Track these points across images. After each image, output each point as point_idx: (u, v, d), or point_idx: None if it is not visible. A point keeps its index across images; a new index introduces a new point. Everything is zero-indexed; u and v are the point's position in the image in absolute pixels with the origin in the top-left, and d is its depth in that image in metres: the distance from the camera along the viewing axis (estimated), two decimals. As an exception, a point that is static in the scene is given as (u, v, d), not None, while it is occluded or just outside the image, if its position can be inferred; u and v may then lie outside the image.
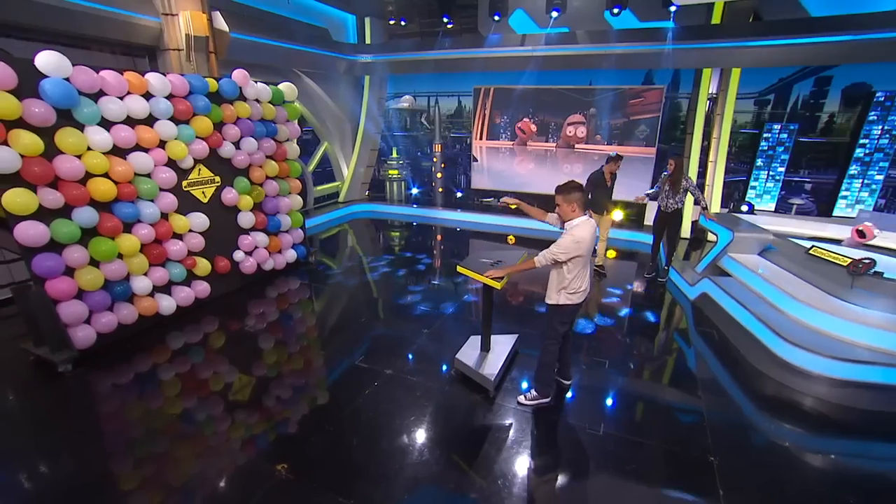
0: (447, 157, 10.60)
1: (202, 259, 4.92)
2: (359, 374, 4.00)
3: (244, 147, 5.29)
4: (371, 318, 5.13)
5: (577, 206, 3.05)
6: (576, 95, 8.44)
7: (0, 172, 3.44)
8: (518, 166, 9.39)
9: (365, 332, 4.80)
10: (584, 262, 3.11)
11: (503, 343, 4.14)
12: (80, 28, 5.24)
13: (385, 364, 4.11)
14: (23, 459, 3.01)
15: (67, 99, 3.70)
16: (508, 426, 3.31)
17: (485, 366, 3.80)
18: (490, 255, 3.92)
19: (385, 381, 3.88)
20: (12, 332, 4.46)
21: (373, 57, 9.09)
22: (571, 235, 3.02)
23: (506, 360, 3.94)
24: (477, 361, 3.86)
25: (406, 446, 3.10)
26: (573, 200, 3.04)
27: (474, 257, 3.86)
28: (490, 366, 3.79)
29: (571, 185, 3.08)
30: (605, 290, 6.08)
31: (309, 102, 8.97)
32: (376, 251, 8.08)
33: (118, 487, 2.82)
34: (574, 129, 8.73)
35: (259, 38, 6.79)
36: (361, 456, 3.00)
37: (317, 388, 3.85)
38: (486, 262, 3.71)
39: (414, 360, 4.22)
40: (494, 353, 3.99)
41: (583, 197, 3.06)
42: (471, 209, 9.77)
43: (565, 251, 3.01)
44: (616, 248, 7.79)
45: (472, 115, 9.45)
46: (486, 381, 3.67)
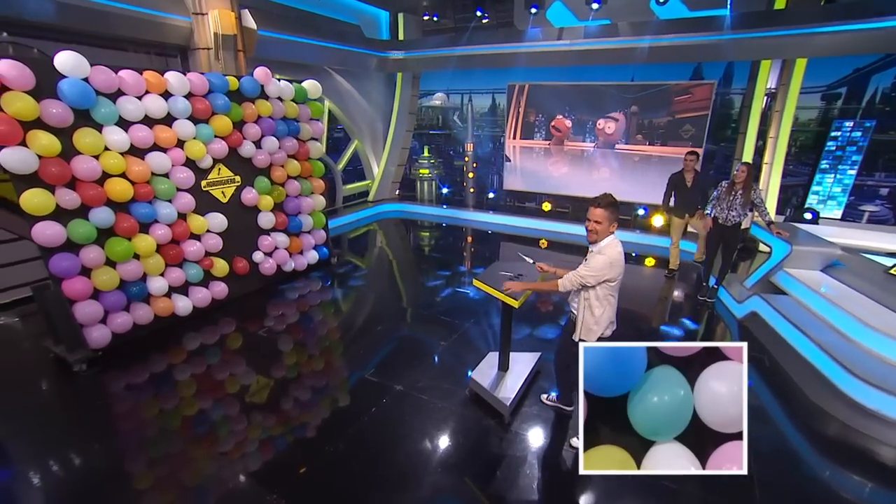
0: (479, 157, 10.27)
1: (220, 260, 4.86)
2: (367, 388, 3.79)
3: (265, 146, 5.20)
4: (388, 327, 4.91)
5: (615, 226, 2.69)
6: (616, 92, 7.90)
7: (18, 173, 3.46)
8: (552, 167, 8.94)
9: (380, 342, 4.60)
10: (615, 290, 2.74)
11: (523, 362, 3.81)
12: (114, 30, 5.30)
13: (396, 378, 3.88)
14: (27, 455, 3.01)
15: (84, 99, 3.69)
16: (524, 458, 3.00)
17: (501, 388, 3.49)
18: (512, 266, 3.59)
19: (394, 398, 3.64)
20: (41, 327, 4.56)
21: (404, 53, 8.88)
22: (604, 256, 2.64)
23: (525, 381, 3.61)
24: (493, 382, 3.55)
25: (407, 476, 2.84)
26: (615, 220, 2.66)
27: (493, 269, 3.55)
28: (507, 388, 3.48)
29: (611, 200, 2.67)
30: (642, 302, 5.61)
31: (339, 100, 8.88)
32: (402, 253, 7.90)
33: (118, 486, 2.75)
34: (604, 124, 8.18)
35: (287, 36, 6.71)
36: (360, 486, 2.77)
37: (321, 402, 3.66)
38: (506, 276, 3.39)
39: (427, 375, 3.96)
40: (513, 373, 3.67)
41: (619, 216, 2.71)
42: (503, 211, 9.41)
43: (596, 274, 2.63)
44: (655, 256, 7.24)
45: (506, 114, 9.08)
46: (501, 406, 3.36)
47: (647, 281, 6.56)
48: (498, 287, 3.23)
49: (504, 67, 8.31)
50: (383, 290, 6.03)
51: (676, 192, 5.92)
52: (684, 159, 5.77)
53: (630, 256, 7.24)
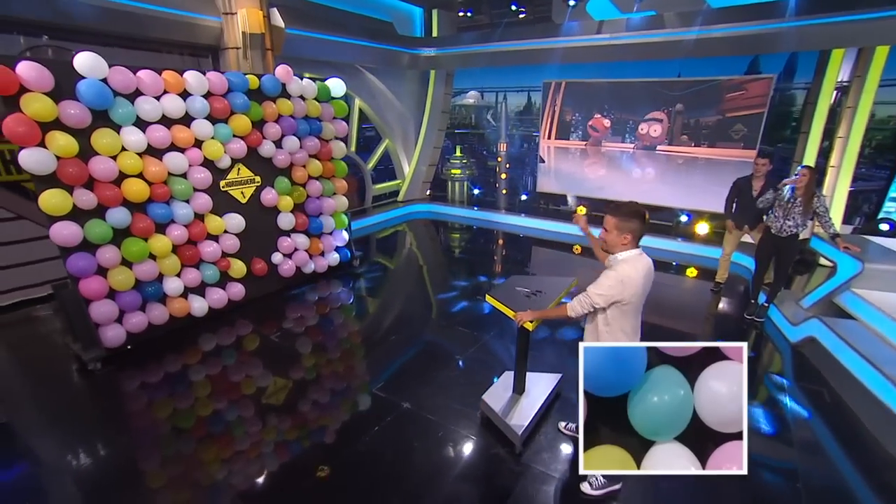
0: (513, 157, 9.90)
1: (237, 261, 4.81)
2: (373, 404, 3.59)
3: (286, 146, 5.11)
4: (403, 336, 4.70)
5: (630, 237, 2.30)
6: (660, 89, 7.31)
7: (37, 173, 3.49)
8: (589, 169, 8.44)
9: (393, 353, 4.40)
10: (632, 313, 2.35)
11: (542, 384, 3.48)
12: (148, 31, 5.37)
13: (405, 394, 3.66)
14: (31, 449, 3.06)
15: (102, 99, 3.68)
16: (533, 496, 2.69)
17: (514, 414, 3.18)
18: (529, 281, 3.29)
19: (399, 416, 3.42)
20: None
21: (437, 50, 8.66)
22: (615, 272, 2.29)
23: (542, 406, 3.29)
24: (505, 407, 3.25)
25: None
26: (629, 230, 2.28)
27: (509, 284, 3.26)
28: (520, 414, 3.17)
29: (632, 207, 2.32)
30: (680, 317, 5.13)
31: (371, 98, 8.78)
32: (428, 257, 7.69)
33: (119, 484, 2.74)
34: (648, 127, 7.59)
35: (316, 33, 6.65)
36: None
37: (321, 418, 3.46)
38: (523, 293, 3.10)
39: (438, 392, 3.70)
40: (529, 397, 3.35)
41: (641, 228, 2.30)
42: (535, 214, 9.01)
43: (604, 293, 2.29)
44: (698, 267, 6.65)
45: (541, 113, 8.66)
46: (512, 434, 3.06)
47: (688, 294, 6.03)
48: (512, 304, 2.94)
49: (540, 64, 7.90)
50: (404, 295, 5.83)
51: (739, 199, 5.22)
52: (754, 163, 5.08)
53: (670, 266, 6.71)
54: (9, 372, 4.02)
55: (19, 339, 4.51)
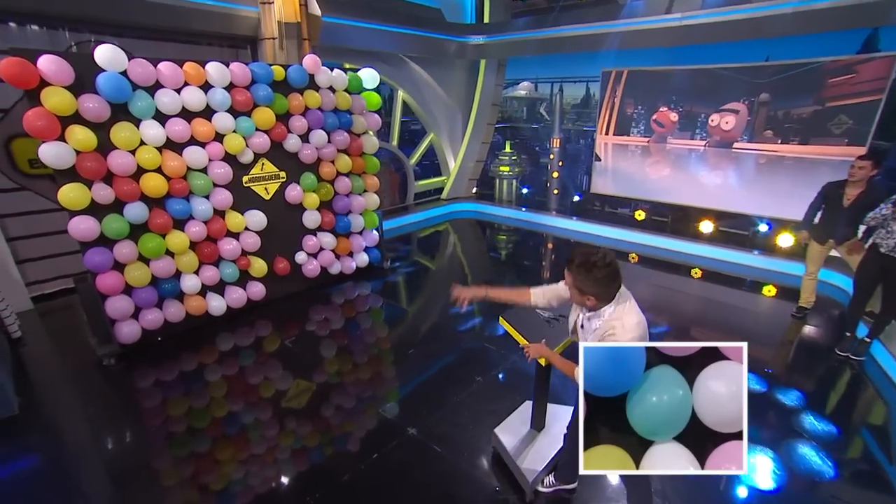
0: (567, 155, 9.15)
1: (258, 259, 4.65)
2: (378, 426, 3.26)
3: (313, 140, 4.87)
4: (424, 350, 4.31)
5: (595, 300, 1.88)
6: (742, 76, 6.26)
7: (56, 168, 3.46)
8: (651, 169, 7.53)
9: (410, 369, 4.05)
10: None
11: (565, 420, 2.93)
12: (188, 24, 5.35)
13: (413, 418, 3.28)
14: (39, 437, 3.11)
15: (121, 93, 3.59)
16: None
17: (528, 454, 2.70)
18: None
19: (403, 443, 3.05)
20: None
21: (486, 38, 8.11)
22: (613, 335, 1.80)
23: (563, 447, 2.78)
24: (519, 445, 2.77)
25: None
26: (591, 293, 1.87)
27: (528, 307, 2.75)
28: (535, 457, 2.68)
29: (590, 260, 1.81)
30: (750, 348, 4.30)
31: (415, 90, 8.41)
32: (467, 261, 7.25)
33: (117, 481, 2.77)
34: (719, 119, 6.55)
35: (354, 21, 6.37)
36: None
37: (321, 438, 3.17)
38: (542, 316, 2.59)
39: (450, 418, 3.28)
40: (549, 435, 2.85)
41: (610, 289, 1.85)
42: (589, 217, 8.23)
43: None
44: (777, 285, 5.68)
45: (598, 106, 7.86)
46: (523, 480, 2.59)
47: (763, 318, 5.12)
48: (527, 331, 2.46)
49: (600, 51, 7.10)
50: (433, 302, 5.43)
51: (827, 208, 4.31)
52: (851, 167, 4.04)
53: (742, 283, 5.80)
54: (35, 361, 4.09)
55: (49, 329, 4.62)
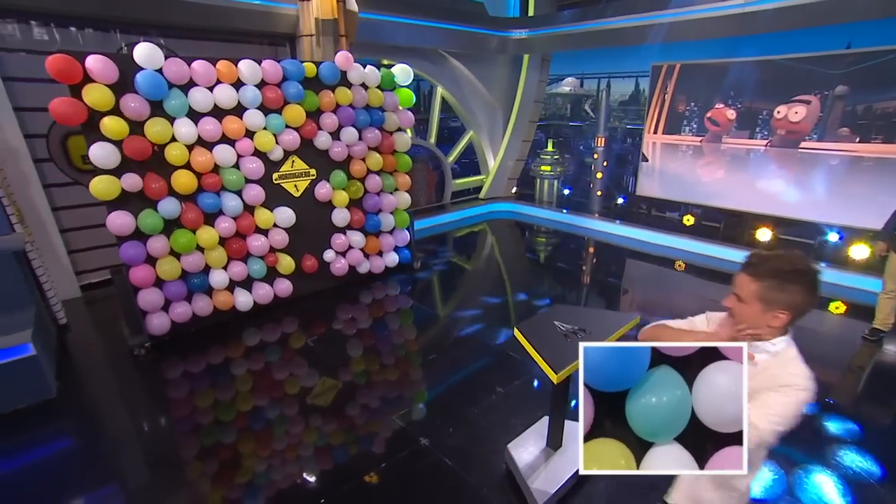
0: (613, 154, 8.67)
1: (285, 256, 4.66)
2: (389, 434, 3.14)
3: (343, 137, 4.83)
4: (446, 357, 4.15)
5: (787, 316, 1.34)
6: (814, 67, 5.59)
7: (102, 167, 3.59)
8: (703, 170, 6.95)
9: (429, 375, 3.92)
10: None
11: (584, 441, 2.71)
12: (229, 22, 5.48)
13: (426, 428, 3.16)
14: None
15: (157, 90, 3.67)
16: None
17: (540, 475, 2.50)
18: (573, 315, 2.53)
19: (413, 454, 2.92)
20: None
21: (529, 32, 7.81)
22: (796, 388, 1.33)
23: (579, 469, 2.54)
24: (531, 464, 2.57)
25: None
26: (786, 304, 1.33)
27: (546, 317, 2.53)
28: (548, 478, 2.48)
29: (792, 261, 1.32)
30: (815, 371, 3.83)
31: (455, 87, 8.24)
32: (502, 264, 7.02)
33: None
34: (787, 110, 5.85)
35: (391, 17, 6.29)
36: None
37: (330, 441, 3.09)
38: (560, 329, 2.37)
39: (465, 431, 3.12)
40: (565, 454, 2.63)
41: (810, 300, 1.33)
42: (633, 221, 7.73)
43: (788, 420, 1.32)
44: (848, 302, 5.06)
45: (647, 102, 7.36)
46: (532, 501, 2.38)
47: (830, 339, 4.56)
48: (544, 347, 2.25)
49: (650, 44, 6.63)
50: (461, 307, 5.25)
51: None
52: None
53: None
54: (77, 347, 4.30)
55: (93, 317, 4.86)
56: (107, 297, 5.00)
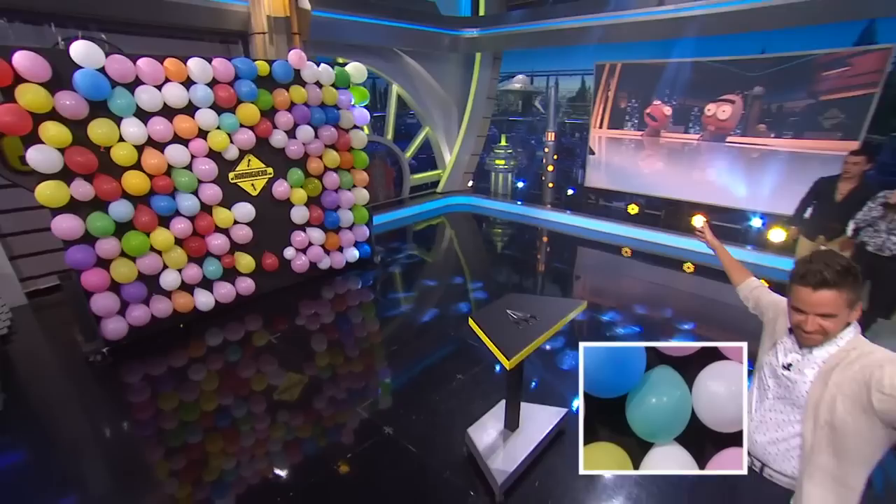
0: (562, 148, 9.08)
1: (245, 255, 4.66)
2: (356, 425, 3.25)
3: (299, 136, 4.86)
4: (406, 347, 4.31)
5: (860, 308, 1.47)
6: (735, 70, 6.18)
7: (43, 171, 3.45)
8: (644, 162, 7.47)
9: (391, 365, 4.06)
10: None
11: (541, 419, 2.96)
12: (174, 18, 5.31)
13: (390, 418, 3.30)
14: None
15: (98, 90, 3.57)
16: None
17: (498, 455, 2.71)
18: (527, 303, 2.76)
19: (378, 443, 3.06)
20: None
21: (480, 31, 8.03)
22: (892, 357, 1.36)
23: (537, 448, 2.79)
24: (491, 446, 2.78)
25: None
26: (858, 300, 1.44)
27: (498, 307, 2.75)
28: (506, 457, 2.69)
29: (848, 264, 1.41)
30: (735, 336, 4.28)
31: (409, 84, 8.36)
32: (459, 255, 7.23)
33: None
34: (716, 108, 6.44)
35: (345, 15, 6.32)
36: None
37: (295, 435, 3.19)
38: (511, 317, 2.59)
39: (428, 418, 3.30)
40: (522, 435, 2.85)
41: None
42: (583, 211, 8.17)
43: None
44: (771, 281, 5.62)
45: (592, 99, 7.78)
46: (493, 481, 2.59)
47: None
48: (495, 332, 2.45)
49: (594, 44, 7.02)
50: (421, 299, 5.41)
51: (818, 203, 4.28)
52: (844, 162, 4.00)
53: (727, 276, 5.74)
54: (24, 357, 4.14)
55: (41, 324, 4.67)
56: (58, 303, 4.80)
